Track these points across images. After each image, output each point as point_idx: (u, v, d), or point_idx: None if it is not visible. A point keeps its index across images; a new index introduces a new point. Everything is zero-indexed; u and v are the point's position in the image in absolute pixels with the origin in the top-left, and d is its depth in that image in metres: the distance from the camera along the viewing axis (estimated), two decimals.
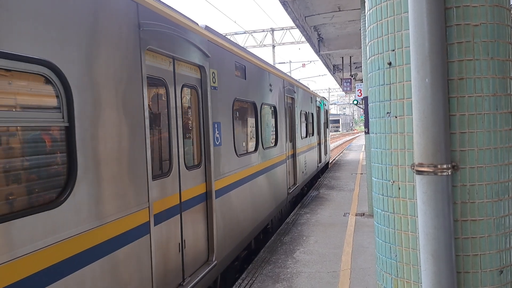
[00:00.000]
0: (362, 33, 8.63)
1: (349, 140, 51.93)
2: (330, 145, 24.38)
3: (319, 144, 15.75)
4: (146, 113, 3.44)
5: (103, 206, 2.91)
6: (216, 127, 5.08)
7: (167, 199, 3.93)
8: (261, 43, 27.01)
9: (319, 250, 6.44)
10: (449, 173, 1.67)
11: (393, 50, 1.85)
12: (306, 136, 12.47)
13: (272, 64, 12.73)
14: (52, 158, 2.64)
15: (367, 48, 2.06)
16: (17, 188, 2.41)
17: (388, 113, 1.89)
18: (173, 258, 4.00)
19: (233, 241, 5.54)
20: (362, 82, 13.04)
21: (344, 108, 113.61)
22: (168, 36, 3.92)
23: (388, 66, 1.88)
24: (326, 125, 18.74)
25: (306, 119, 12.71)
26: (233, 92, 5.80)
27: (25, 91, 2.48)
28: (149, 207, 3.48)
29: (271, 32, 27.03)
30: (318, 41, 14.97)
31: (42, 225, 2.38)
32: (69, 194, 2.58)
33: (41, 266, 2.36)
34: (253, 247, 7.05)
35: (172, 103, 4.09)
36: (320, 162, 15.77)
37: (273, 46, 27.91)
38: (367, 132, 8.64)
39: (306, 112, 12.65)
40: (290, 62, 43.30)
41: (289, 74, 19.61)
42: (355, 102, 19.75)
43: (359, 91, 18.08)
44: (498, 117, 1.74)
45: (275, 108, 8.47)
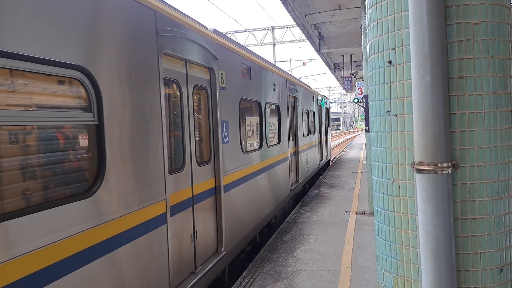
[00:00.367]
0: (363, 32, 8.62)
1: (350, 139, 51.91)
2: (331, 144, 24.56)
3: (321, 142, 15.94)
4: (163, 113, 3.72)
5: (128, 197, 3.20)
6: (224, 126, 5.35)
7: (181, 193, 4.21)
8: (262, 42, 26.99)
9: (320, 249, 6.45)
10: (449, 172, 1.67)
11: (393, 49, 1.85)
12: (308, 134, 12.68)
13: (273, 63, 12.73)
14: (86, 153, 2.92)
15: (367, 47, 2.06)
16: (58, 179, 2.70)
17: (388, 112, 1.90)
18: (186, 248, 4.29)
19: (240, 234, 5.82)
20: (363, 81, 13.02)
21: (345, 107, 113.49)
22: (181, 41, 4.20)
23: (388, 65, 1.88)
24: (327, 124, 18.98)
25: (308, 118, 12.90)
26: (240, 92, 6.06)
27: (64, 94, 2.77)
28: (166, 199, 3.76)
29: (272, 31, 27.00)
30: (319, 40, 14.95)
31: (78, 213, 2.68)
32: (100, 186, 2.87)
33: (78, 249, 2.65)
34: (258, 241, 7.26)
35: (185, 103, 4.36)
36: (322, 160, 15.97)
37: (274, 45, 27.88)
38: (368, 131, 8.64)
39: (308, 111, 12.84)
40: (291, 61, 43.29)
41: (290, 73, 19.61)
42: (356, 101, 19.70)
43: (360, 90, 18.04)
44: (498, 116, 1.74)
45: (279, 107, 8.69)
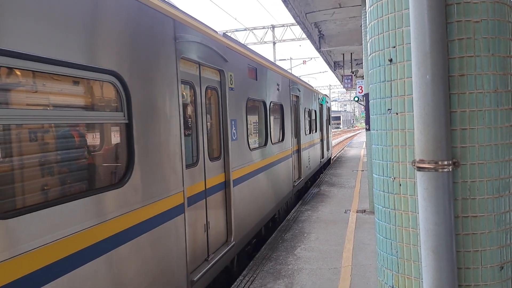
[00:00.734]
0: (363, 30, 8.61)
1: (350, 137, 51.89)
2: (332, 142, 24.75)
3: (322, 140, 16.21)
4: (181, 112, 4.07)
5: (152, 188, 3.53)
6: (233, 124, 5.69)
7: (195, 186, 4.56)
8: (262, 40, 26.96)
9: (320, 247, 6.45)
10: (450, 170, 1.68)
11: (394, 47, 1.85)
12: (310, 133, 12.99)
13: (273, 61, 12.78)
14: (118, 148, 3.28)
15: (368, 45, 2.06)
16: (100, 170, 3.15)
17: (389, 110, 1.90)
18: (200, 237, 4.64)
19: (248, 226, 6.21)
20: (363, 79, 13.02)
21: (345, 105, 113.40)
22: (195, 45, 4.55)
23: (389, 63, 1.88)
24: (328, 122, 19.29)
25: (310, 116, 13.19)
26: (247, 92, 6.43)
27: (101, 95, 3.14)
28: (184, 191, 4.10)
29: (272, 29, 26.97)
30: (319, 38, 14.93)
31: (113, 200, 3.01)
32: (130, 177, 3.20)
33: (113, 232, 2.99)
34: (263, 234, 7.61)
35: (198, 103, 4.70)
36: (323, 158, 16.26)
37: (274, 43, 27.84)
38: (368, 129, 8.63)
39: (310, 110, 13.13)
40: (291, 59, 43.25)
41: (290, 71, 19.65)
42: (356, 99, 19.67)
43: (360, 88, 18.01)
44: (499, 114, 1.74)
45: (282, 106, 9.01)
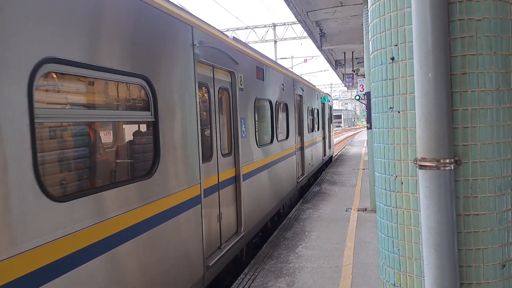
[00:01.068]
0: (364, 28, 8.60)
1: (351, 136, 51.85)
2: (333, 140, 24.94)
3: (324, 139, 16.52)
4: (198, 111, 4.43)
5: (175, 180, 3.90)
6: (243, 122, 6.10)
7: (210, 179, 4.93)
8: (263, 39, 26.91)
9: (322, 245, 6.46)
10: (452, 168, 1.68)
11: (396, 45, 1.85)
12: (312, 131, 13.36)
13: (274, 60, 12.81)
14: (147, 143, 3.68)
15: (370, 43, 2.06)
16: (134, 162, 3.65)
17: (391, 108, 1.90)
18: (214, 226, 5.01)
19: (256, 218, 6.60)
20: (364, 77, 13.00)
21: (346, 104, 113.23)
22: (210, 49, 4.92)
23: (391, 61, 1.88)
24: (330, 121, 19.63)
25: (312, 115, 13.55)
26: (255, 92, 6.81)
27: (132, 96, 3.59)
28: (201, 183, 4.45)
29: (273, 28, 26.92)
30: (320, 36, 14.92)
31: (143, 189, 3.38)
32: (157, 169, 3.57)
33: (143, 217, 3.38)
34: (269, 227, 8.00)
35: (212, 103, 5.09)
36: (325, 156, 16.61)
37: (275, 42, 27.80)
38: (369, 128, 8.63)
39: (312, 108, 13.51)
40: (292, 58, 43.20)
41: (292, 70, 19.70)
42: (357, 98, 19.64)
43: (361, 86, 17.99)
44: (501, 112, 1.74)
45: (287, 105, 9.39)
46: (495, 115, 1.73)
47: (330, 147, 19.25)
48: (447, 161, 1.67)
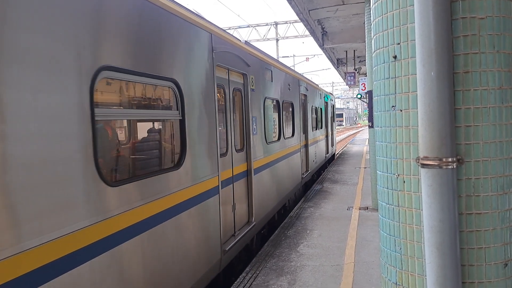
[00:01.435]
0: (366, 27, 8.58)
1: (353, 134, 51.80)
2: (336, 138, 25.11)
3: (327, 137, 16.91)
4: (216, 110, 4.91)
5: (198, 171, 4.40)
6: (254, 120, 6.54)
7: (226, 172, 5.43)
8: (265, 37, 26.86)
9: (323, 244, 6.46)
10: (454, 167, 1.67)
11: (399, 44, 1.85)
12: (316, 129, 13.85)
13: (276, 58, 12.83)
14: (175, 139, 4.15)
15: (372, 42, 2.05)
16: (162, 156, 4.15)
17: (393, 107, 1.89)
18: (229, 215, 5.50)
19: (265, 209, 7.10)
20: (366, 76, 12.97)
21: (348, 102, 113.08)
22: (226, 54, 5.41)
23: (394, 60, 1.87)
24: (332, 119, 20.01)
25: (316, 114, 14.05)
26: (264, 92, 7.29)
27: (164, 97, 4.06)
28: (219, 176, 4.94)
29: (275, 26, 26.87)
30: (322, 35, 14.89)
31: (173, 178, 3.88)
32: (183, 161, 4.07)
33: (174, 203, 3.88)
34: (276, 219, 8.51)
35: (228, 103, 5.58)
36: (328, 153, 17.07)
37: (277, 40, 27.74)
38: (371, 126, 8.62)
39: (316, 107, 13.98)
40: (294, 56, 43.15)
41: (293, 68, 19.74)
42: (359, 96, 19.64)
43: (363, 85, 18.00)
44: (504, 111, 1.74)
45: (292, 104, 9.89)
46: (498, 114, 1.73)
47: (333, 145, 19.63)
48: (450, 160, 1.66)
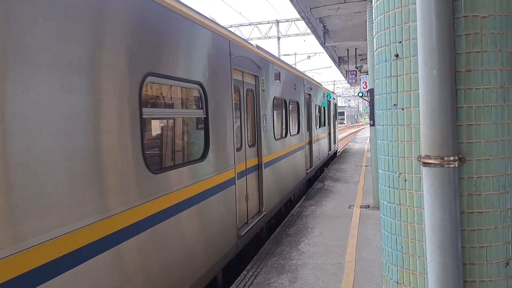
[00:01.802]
0: (368, 25, 8.56)
1: (354, 133, 51.77)
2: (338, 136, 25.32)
3: (329, 134, 17.35)
4: (233, 109, 5.48)
5: (218, 163, 4.94)
6: (264, 118, 7.12)
7: (241, 165, 5.96)
8: (266, 35, 26.84)
9: (324, 242, 6.47)
10: (456, 165, 1.67)
11: (401, 42, 1.84)
12: (319, 127, 14.42)
13: (278, 56, 12.85)
14: (200, 135, 4.68)
15: (374, 40, 2.05)
16: (191, 149, 4.68)
17: (395, 105, 1.89)
18: (243, 204, 6.08)
19: (274, 201, 7.71)
20: (367, 74, 12.96)
21: (349, 101, 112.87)
22: (241, 58, 5.99)
23: (395, 58, 1.87)
24: (335, 117, 20.41)
25: (319, 112, 14.60)
26: (273, 92, 7.89)
27: (192, 98, 4.62)
28: (235, 168, 5.50)
29: (276, 24, 26.84)
30: (324, 33, 14.87)
31: (200, 169, 4.45)
32: (207, 154, 4.62)
33: (200, 190, 4.41)
34: (283, 211, 9.05)
35: (242, 102, 6.15)
36: (330, 150, 17.57)
37: (278, 38, 27.71)
38: (373, 125, 8.61)
39: (319, 106, 14.53)
40: (295, 54, 43.10)
41: (295, 66, 19.77)
42: (360, 95, 19.64)
43: (364, 83, 17.96)
44: (506, 109, 1.73)
45: (298, 103, 10.50)
46: (500, 113, 1.72)
47: (335, 143, 20.03)
48: (451, 159, 1.66)
